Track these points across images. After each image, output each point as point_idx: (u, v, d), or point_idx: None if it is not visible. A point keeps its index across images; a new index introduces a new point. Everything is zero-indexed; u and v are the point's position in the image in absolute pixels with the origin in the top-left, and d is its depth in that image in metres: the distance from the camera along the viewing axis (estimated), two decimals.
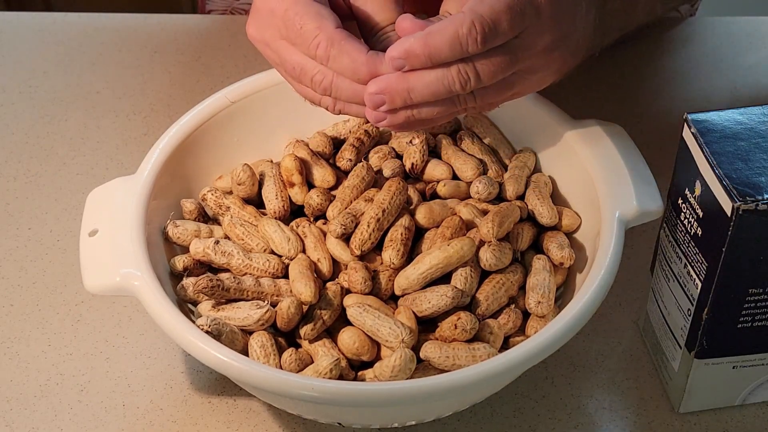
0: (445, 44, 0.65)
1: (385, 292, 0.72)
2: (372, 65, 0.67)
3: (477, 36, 0.65)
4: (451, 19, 0.65)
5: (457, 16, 0.65)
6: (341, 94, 0.69)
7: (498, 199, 0.77)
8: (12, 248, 0.85)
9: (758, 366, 0.72)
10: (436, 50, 0.65)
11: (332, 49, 0.67)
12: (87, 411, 0.76)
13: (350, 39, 0.68)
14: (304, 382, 0.65)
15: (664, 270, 0.73)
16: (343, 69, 0.68)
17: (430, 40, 0.65)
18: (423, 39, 0.65)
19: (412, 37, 0.66)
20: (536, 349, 0.66)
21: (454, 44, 0.65)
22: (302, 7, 0.68)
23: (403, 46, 0.66)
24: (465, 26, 0.65)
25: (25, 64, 1.00)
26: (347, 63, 0.67)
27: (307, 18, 0.68)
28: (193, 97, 0.90)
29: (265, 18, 0.70)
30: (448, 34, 0.65)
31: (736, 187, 0.64)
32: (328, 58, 0.68)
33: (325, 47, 0.67)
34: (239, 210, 0.76)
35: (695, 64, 1.00)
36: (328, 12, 0.69)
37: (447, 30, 0.65)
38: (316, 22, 0.68)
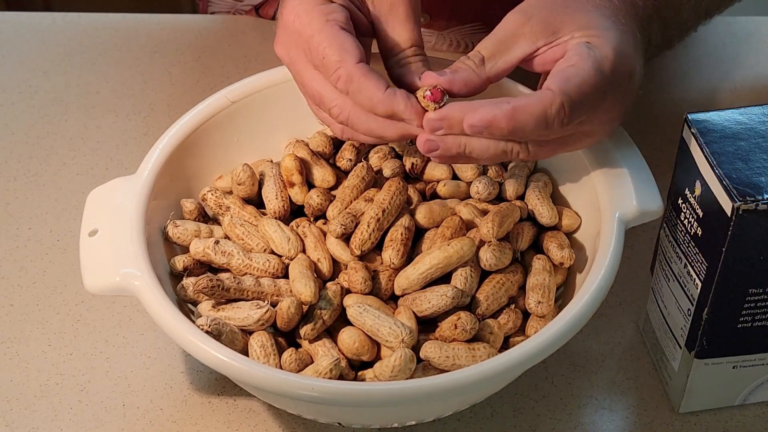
0: (531, 123, 0.65)
1: (385, 292, 0.72)
2: (389, 104, 0.68)
3: (564, 118, 0.65)
4: (539, 97, 0.65)
5: (545, 95, 0.65)
6: (356, 128, 0.70)
7: (498, 199, 0.77)
8: (12, 248, 0.85)
9: (758, 366, 0.72)
10: (520, 126, 0.65)
11: (351, 85, 0.68)
12: (87, 411, 0.76)
13: (369, 75, 0.68)
14: (304, 382, 0.65)
15: (664, 270, 0.73)
16: (361, 105, 0.69)
17: (517, 115, 0.65)
18: (510, 113, 0.65)
19: (497, 108, 0.65)
20: (536, 349, 0.66)
21: (540, 124, 0.65)
22: (326, 37, 0.69)
23: (487, 117, 0.65)
24: (554, 107, 0.65)
25: (25, 64, 1.00)
26: (365, 100, 0.68)
27: (330, 50, 0.68)
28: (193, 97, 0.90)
29: (292, 38, 0.71)
30: (537, 113, 0.65)
31: (736, 187, 0.64)
32: (347, 92, 0.69)
33: (344, 82, 0.68)
34: (239, 210, 0.76)
35: (695, 64, 1.00)
36: (352, 44, 0.69)
37: (535, 108, 0.65)
38: (338, 55, 0.68)
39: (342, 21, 0.70)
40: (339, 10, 0.70)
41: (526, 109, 0.65)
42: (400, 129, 0.69)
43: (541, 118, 0.65)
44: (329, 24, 0.69)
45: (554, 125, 0.66)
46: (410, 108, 0.68)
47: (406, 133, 0.69)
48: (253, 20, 1.04)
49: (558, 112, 0.65)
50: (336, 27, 0.69)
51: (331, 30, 0.69)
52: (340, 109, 0.70)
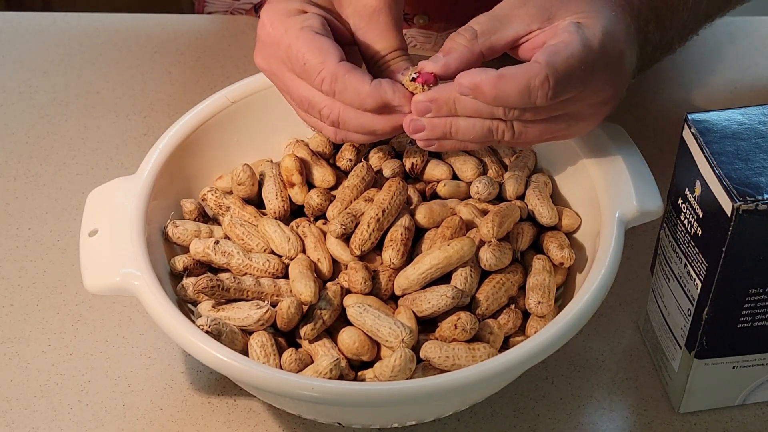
0: (515, 92, 0.65)
1: (385, 292, 0.72)
2: (377, 95, 0.68)
3: (548, 91, 0.65)
4: (526, 67, 0.65)
5: (532, 66, 0.65)
6: (348, 126, 0.70)
7: (498, 199, 0.77)
8: (12, 248, 0.85)
9: (758, 366, 0.72)
10: (503, 94, 0.65)
11: (336, 84, 0.68)
12: (87, 411, 0.76)
13: (353, 71, 0.68)
14: (304, 382, 0.65)
15: (664, 270, 0.73)
16: (349, 102, 0.69)
17: (501, 83, 0.65)
18: (494, 80, 0.65)
19: (485, 73, 0.65)
20: (536, 349, 0.66)
21: (523, 94, 0.65)
22: (304, 42, 0.69)
23: (474, 80, 0.65)
24: (539, 78, 0.65)
25: (25, 64, 1.00)
26: (353, 96, 0.68)
27: (310, 54, 0.69)
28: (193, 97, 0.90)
29: (270, 49, 0.71)
30: (521, 83, 0.65)
31: (736, 187, 0.64)
32: (333, 92, 0.69)
33: (329, 82, 0.68)
34: (239, 210, 0.76)
35: (695, 64, 1.00)
36: (330, 45, 0.69)
37: (520, 78, 0.65)
38: (318, 57, 0.69)
39: (317, 27, 0.70)
40: (313, 17, 0.71)
41: (510, 78, 0.65)
42: (391, 120, 0.70)
43: (525, 89, 0.65)
44: (305, 30, 0.69)
45: (538, 97, 0.65)
46: (398, 94, 0.68)
47: (397, 123, 0.70)
48: (252, 20, 1.04)
49: (542, 84, 0.65)
50: (311, 32, 0.69)
51: (307, 35, 0.69)
52: (330, 110, 0.70)
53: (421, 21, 0.97)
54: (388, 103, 0.69)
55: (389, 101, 0.68)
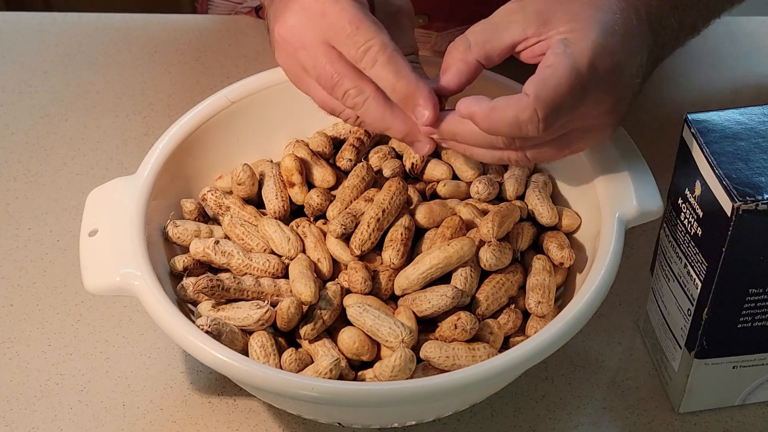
0: (505, 125, 0.66)
1: (385, 292, 0.72)
2: (412, 88, 0.67)
3: (538, 123, 0.65)
4: (516, 101, 0.65)
5: (520, 100, 0.65)
6: (367, 115, 0.70)
7: (498, 199, 0.77)
8: (12, 248, 0.85)
9: (758, 366, 0.72)
10: (494, 127, 0.66)
11: (381, 55, 0.68)
12: (87, 411, 0.76)
13: (401, 54, 0.68)
14: (304, 382, 0.65)
15: (664, 270, 0.73)
16: (383, 78, 0.68)
17: (492, 115, 0.65)
18: (487, 112, 0.65)
19: (479, 104, 0.66)
20: (536, 349, 0.66)
21: (513, 127, 0.66)
22: (358, 13, 0.68)
23: (470, 109, 0.66)
24: (527, 113, 0.65)
25: (25, 64, 1.00)
26: (390, 74, 0.68)
27: (366, 22, 0.68)
28: (193, 97, 0.90)
29: (311, 19, 0.70)
30: (510, 116, 0.65)
31: (736, 187, 0.64)
32: (374, 62, 0.68)
33: (376, 51, 0.67)
34: (239, 210, 0.76)
35: (695, 64, 1.00)
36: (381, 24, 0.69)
37: (509, 112, 0.65)
38: (374, 26, 0.68)
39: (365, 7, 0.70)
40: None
41: (500, 111, 0.65)
42: (408, 127, 0.70)
43: (514, 122, 0.65)
44: (356, 4, 0.69)
45: (528, 130, 0.65)
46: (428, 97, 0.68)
47: (412, 133, 0.70)
48: (253, 20, 1.04)
49: (530, 118, 0.65)
50: (364, 8, 0.69)
51: (361, 9, 0.69)
52: (358, 92, 0.69)
53: (421, 21, 0.97)
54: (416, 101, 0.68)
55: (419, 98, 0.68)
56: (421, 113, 0.68)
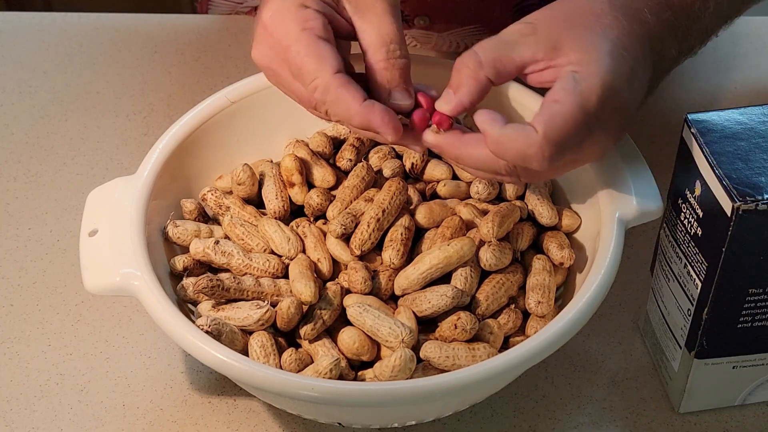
0: (511, 155, 0.66)
1: (385, 292, 0.72)
2: (365, 116, 0.68)
3: (543, 160, 0.66)
4: (525, 134, 0.66)
5: (529, 135, 0.66)
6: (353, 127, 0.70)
7: (498, 199, 0.77)
8: (12, 248, 0.85)
9: (758, 366, 0.72)
10: (500, 153, 0.66)
11: (328, 95, 0.68)
12: (87, 411, 0.76)
13: (348, 86, 0.68)
14: (304, 382, 0.65)
15: (664, 270, 0.73)
16: (337, 116, 0.69)
17: (501, 141, 0.66)
18: (497, 137, 0.66)
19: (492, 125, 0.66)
20: (536, 349, 0.66)
21: (518, 159, 0.66)
22: (304, 46, 0.69)
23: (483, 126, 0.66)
24: (532, 149, 0.66)
25: (25, 64, 1.00)
26: (342, 111, 0.68)
27: (308, 59, 0.68)
28: (193, 97, 0.90)
29: (270, 47, 0.71)
30: (518, 149, 0.66)
31: (736, 187, 0.64)
32: (324, 102, 0.69)
33: (321, 92, 0.68)
34: (239, 210, 0.76)
35: (695, 64, 1.00)
36: (329, 53, 0.69)
37: (518, 144, 0.66)
38: (315, 64, 0.68)
39: (319, 29, 0.69)
40: (315, 17, 0.70)
41: (509, 141, 0.66)
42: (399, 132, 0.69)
43: (521, 155, 0.66)
44: (305, 33, 0.69)
45: (533, 164, 0.66)
46: (386, 123, 0.68)
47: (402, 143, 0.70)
48: (253, 20, 1.04)
49: (536, 154, 0.66)
50: (313, 36, 0.69)
51: (308, 39, 0.69)
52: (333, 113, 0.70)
53: (422, 22, 0.97)
54: (374, 129, 0.68)
55: (375, 128, 0.68)
56: (384, 139, 0.69)
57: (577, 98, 0.66)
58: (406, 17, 0.97)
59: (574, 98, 0.66)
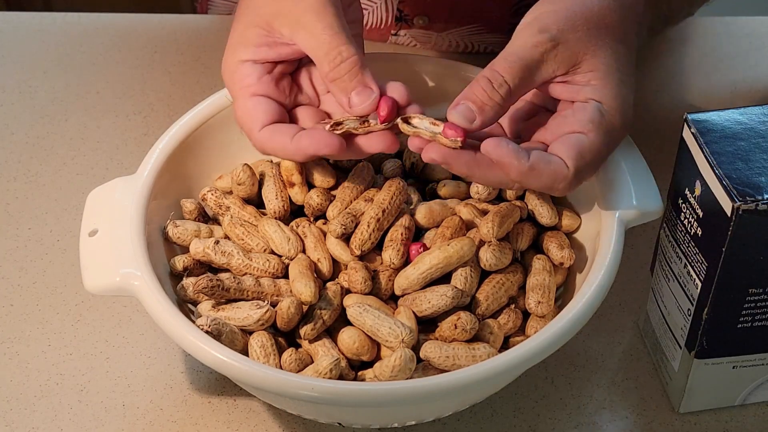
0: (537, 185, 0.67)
1: (385, 292, 0.72)
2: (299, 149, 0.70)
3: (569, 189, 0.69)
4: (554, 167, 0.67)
5: (559, 170, 0.67)
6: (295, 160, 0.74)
7: (498, 199, 0.77)
8: (12, 248, 0.85)
9: (758, 366, 0.72)
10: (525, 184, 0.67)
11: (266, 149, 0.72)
12: (87, 411, 0.76)
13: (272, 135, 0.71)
14: (304, 382, 0.65)
15: (664, 270, 0.73)
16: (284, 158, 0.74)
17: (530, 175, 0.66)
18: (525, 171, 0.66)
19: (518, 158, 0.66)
20: (536, 349, 0.66)
21: (545, 188, 0.68)
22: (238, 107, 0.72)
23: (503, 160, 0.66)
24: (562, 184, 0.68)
25: (25, 64, 1.00)
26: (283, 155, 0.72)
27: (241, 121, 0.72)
28: (193, 97, 0.90)
29: None
30: (546, 181, 0.67)
31: (736, 187, 0.64)
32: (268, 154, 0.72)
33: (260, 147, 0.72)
34: (239, 210, 0.76)
35: (695, 63, 1.00)
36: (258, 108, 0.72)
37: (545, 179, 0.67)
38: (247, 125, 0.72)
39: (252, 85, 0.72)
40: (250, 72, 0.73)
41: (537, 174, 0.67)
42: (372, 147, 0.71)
43: (548, 186, 0.68)
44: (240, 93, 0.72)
45: (558, 191, 0.68)
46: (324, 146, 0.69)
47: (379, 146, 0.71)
48: None
49: (565, 187, 0.68)
50: (245, 95, 0.72)
51: (240, 100, 0.72)
52: None
53: (421, 22, 0.97)
54: (317, 154, 0.70)
55: (317, 153, 0.70)
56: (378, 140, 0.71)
57: (605, 136, 0.68)
58: (405, 17, 0.97)
59: (603, 134, 0.68)
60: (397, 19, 0.96)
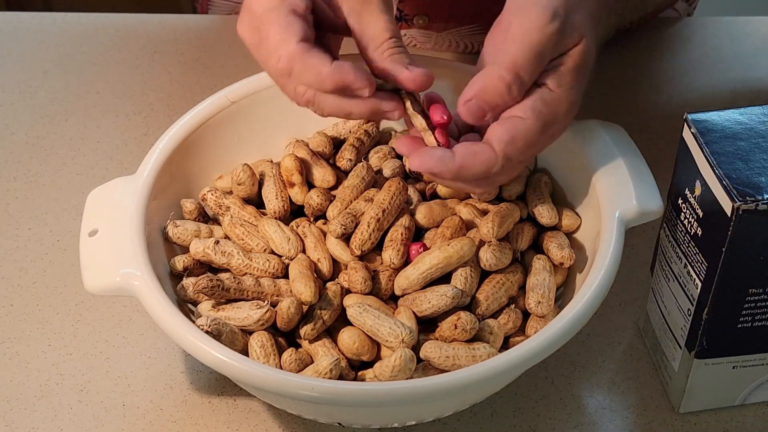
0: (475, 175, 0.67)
1: (385, 292, 0.72)
2: (338, 77, 0.67)
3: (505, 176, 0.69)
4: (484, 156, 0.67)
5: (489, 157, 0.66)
6: (324, 109, 0.69)
7: (498, 199, 0.77)
8: (12, 248, 0.85)
9: (758, 366, 0.72)
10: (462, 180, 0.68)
11: (295, 65, 0.67)
12: (87, 411, 0.76)
13: (312, 51, 0.67)
14: (304, 382, 0.65)
15: (664, 270, 0.73)
16: (308, 83, 0.67)
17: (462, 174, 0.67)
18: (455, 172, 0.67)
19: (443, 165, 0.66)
20: (536, 349, 0.66)
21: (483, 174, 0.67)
22: (275, 17, 0.67)
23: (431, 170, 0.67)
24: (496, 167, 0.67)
25: (25, 64, 1.00)
26: (312, 77, 0.67)
27: (273, 28, 0.67)
28: (193, 97, 0.90)
29: (249, 19, 0.70)
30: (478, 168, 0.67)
31: (736, 187, 0.64)
32: (290, 74, 0.67)
33: (286, 61, 0.67)
34: (239, 210, 0.76)
35: (695, 64, 1.00)
36: (298, 23, 0.67)
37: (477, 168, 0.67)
38: (280, 34, 0.67)
39: (297, 5, 0.68)
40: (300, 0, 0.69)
41: (468, 169, 0.67)
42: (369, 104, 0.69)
43: (484, 173, 0.67)
44: (279, 8, 0.68)
45: (497, 179, 0.69)
46: (360, 78, 0.67)
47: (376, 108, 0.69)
48: None
49: (500, 171, 0.67)
50: (285, 11, 0.68)
51: (279, 13, 0.67)
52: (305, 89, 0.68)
53: (421, 21, 0.97)
54: (349, 87, 0.67)
55: (350, 85, 0.67)
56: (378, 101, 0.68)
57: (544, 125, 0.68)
58: (405, 17, 0.97)
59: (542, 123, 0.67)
60: (397, 18, 0.96)
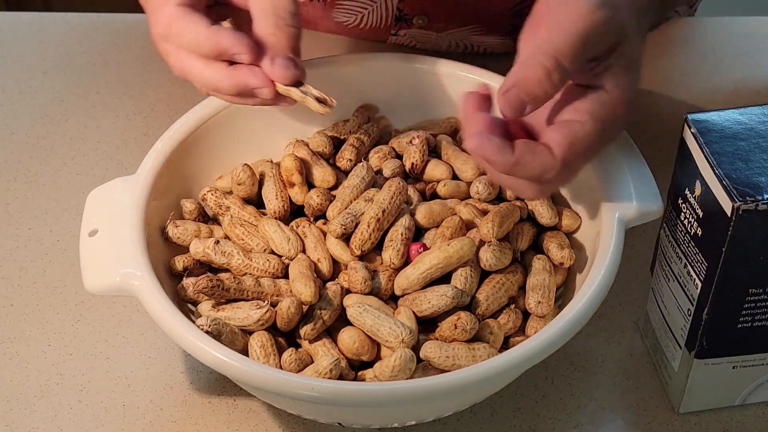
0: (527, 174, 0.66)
1: (385, 292, 0.72)
2: (215, 38, 0.66)
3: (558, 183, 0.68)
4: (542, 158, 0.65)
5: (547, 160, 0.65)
6: (192, 78, 0.68)
7: (498, 199, 0.77)
8: (12, 248, 0.85)
9: (758, 366, 0.72)
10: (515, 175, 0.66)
11: (172, 27, 0.66)
12: (87, 411, 0.76)
13: (190, 14, 0.66)
14: (304, 382, 0.65)
15: (664, 270, 0.73)
16: (186, 45, 0.67)
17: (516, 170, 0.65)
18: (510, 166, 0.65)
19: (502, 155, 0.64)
20: (536, 349, 0.66)
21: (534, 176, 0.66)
22: None
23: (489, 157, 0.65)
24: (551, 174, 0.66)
25: (25, 64, 1.00)
26: (190, 39, 0.66)
27: None
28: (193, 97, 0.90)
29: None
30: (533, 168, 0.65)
31: (736, 187, 0.64)
32: (169, 36, 0.67)
33: (166, 26, 0.67)
34: (239, 210, 0.76)
35: (695, 64, 1.00)
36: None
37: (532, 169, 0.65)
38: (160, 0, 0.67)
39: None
40: None
41: (523, 168, 0.65)
42: (234, 78, 0.68)
43: (536, 176, 0.66)
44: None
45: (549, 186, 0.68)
46: (238, 43, 0.66)
47: (241, 84, 0.68)
48: None
49: (555, 177, 0.66)
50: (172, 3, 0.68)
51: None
52: (176, 59, 0.68)
53: (421, 22, 0.97)
54: (227, 51, 0.66)
55: (228, 48, 0.66)
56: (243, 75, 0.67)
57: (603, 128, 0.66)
58: (405, 17, 0.97)
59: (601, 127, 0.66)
60: (397, 18, 0.96)
